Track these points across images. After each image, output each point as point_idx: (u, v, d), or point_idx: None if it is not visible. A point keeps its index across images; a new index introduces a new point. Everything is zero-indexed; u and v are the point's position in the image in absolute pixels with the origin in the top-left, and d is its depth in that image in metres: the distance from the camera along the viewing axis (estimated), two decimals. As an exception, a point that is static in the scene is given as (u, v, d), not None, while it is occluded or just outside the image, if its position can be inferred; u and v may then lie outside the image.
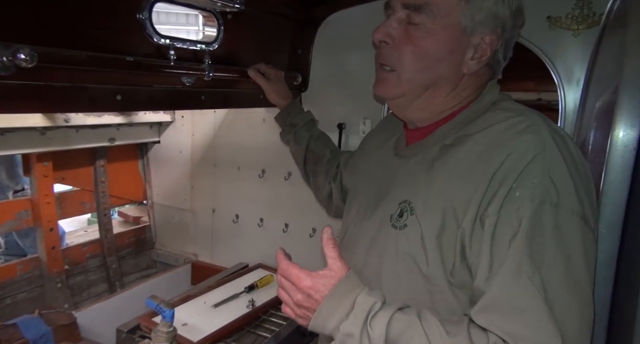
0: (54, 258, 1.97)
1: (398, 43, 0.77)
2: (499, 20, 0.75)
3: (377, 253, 0.80)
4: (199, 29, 9.79)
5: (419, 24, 0.74)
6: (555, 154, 0.65)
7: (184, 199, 2.37)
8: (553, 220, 0.61)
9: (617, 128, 0.67)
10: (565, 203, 0.62)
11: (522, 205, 0.62)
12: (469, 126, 0.76)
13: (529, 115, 0.72)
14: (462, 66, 0.77)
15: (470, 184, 0.68)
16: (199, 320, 1.47)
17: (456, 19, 0.73)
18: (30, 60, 0.79)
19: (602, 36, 1.13)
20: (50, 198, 1.96)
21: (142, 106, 1.17)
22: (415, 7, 0.74)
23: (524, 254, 0.61)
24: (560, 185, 0.63)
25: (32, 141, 1.73)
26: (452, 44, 0.75)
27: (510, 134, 0.69)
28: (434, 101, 0.80)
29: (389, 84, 0.80)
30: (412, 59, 0.76)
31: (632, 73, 0.67)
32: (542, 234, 0.61)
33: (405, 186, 0.80)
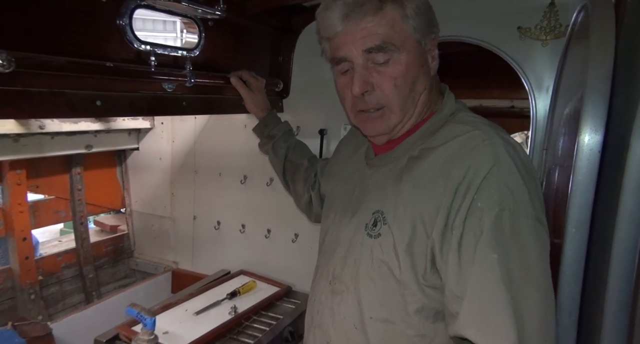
0: (27, 269, 1.90)
1: (378, 85, 0.80)
2: (433, 21, 0.83)
3: (353, 260, 0.84)
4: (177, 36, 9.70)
5: (387, 61, 0.78)
6: (508, 164, 0.71)
7: (164, 206, 2.33)
8: (511, 225, 0.68)
9: (582, 132, 0.71)
10: (520, 209, 0.68)
11: (483, 214, 0.68)
12: (432, 139, 0.82)
13: (483, 128, 0.77)
14: (430, 71, 0.84)
15: (436, 196, 0.73)
16: (180, 328, 1.45)
17: (412, 39, 0.79)
18: (7, 65, 0.77)
19: (568, 46, 1.19)
20: (24, 207, 1.89)
21: (122, 111, 1.15)
22: (377, 48, 0.77)
23: (489, 258, 0.67)
24: (515, 193, 0.69)
25: (5, 148, 1.68)
26: (419, 60, 0.81)
27: (468, 148, 0.74)
28: (420, 112, 0.85)
29: (384, 120, 0.83)
30: (398, 92, 0.80)
31: (595, 81, 0.72)
32: (503, 238, 0.67)
33: (377, 196, 0.84)
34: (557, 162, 1.25)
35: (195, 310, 1.57)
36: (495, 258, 0.66)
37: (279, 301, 1.75)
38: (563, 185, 1.17)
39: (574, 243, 0.73)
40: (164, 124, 2.28)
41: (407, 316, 0.77)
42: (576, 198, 0.72)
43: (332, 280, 0.89)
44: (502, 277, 0.66)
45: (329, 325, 0.89)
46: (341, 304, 0.86)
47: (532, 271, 0.68)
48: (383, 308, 0.79)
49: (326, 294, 0.91)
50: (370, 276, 0.80)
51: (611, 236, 0.69)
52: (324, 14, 0.80)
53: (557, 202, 1.21)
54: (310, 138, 1.83)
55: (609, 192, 0.74)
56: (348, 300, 0.84)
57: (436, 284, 0.75)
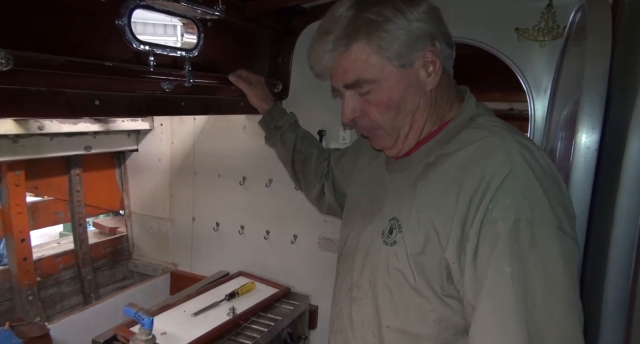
0: (25, 270, 1.90)
1: (364, 112, 0.84)
2: (423, 36, 0.78)
3: (370, 267, 0.84)
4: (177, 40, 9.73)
5: (368, 91, 0.80)
6: (524, 171, 0.67)
7: (163, 207, 2.33)
8: (529, 236, 0.63)
9: (579, 131, 0.71)
10: (539, 218, 0.64)
11: (498, 225, 0.65)
12: (449, 145, 0.80)
13: (499, 133, 0.75)
14: (425, 88, 0.81)
15: (449, 206, 0.71)
16: (178, 329, 1.44)
17: (389, 67, 0.78)
18: (5, 63, 0.78)
19: (565, 47, 1.20)
20: (22, 208, 1.89)
21: (121, 111, 1.15)
22: (353, 84, 0.80)
23: (502, 272, 0.64)
24: (532, 201, 0.65)
25: (4, 149, 1.68)
26: (403, 83, 0.79)
27: (482, 155, 0.72)
28: (420, 127, 0.85)
29: (381, 138, 0.87)
30: (382, 116, 0.82)
31: (592, 81, 0.72)
32: (520, 250, 0.63)
33: (394, 202, 0.84)
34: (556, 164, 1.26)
35: (194, 311, 1.57)
36: (509, 272, 0.63)
37: (278, 302, 1.75)
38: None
39: (572, 242, 0.73)
40: (163, 125, 2.29)
41: (426, 326, 0.75)
42: (573, 196, 0.72)
43: (351, 287, 0.89)
44: (516, 293, 0.62)
45: (348, 331, 0.89)
46: (359, 312, 0.86)
47: (555, 286, 0.63)
48: (399, 317, 0.78)
49: (345, 301, 0.91)
50: (387, 284, 0.79)
51: (608, 234, 0.69)
52: (312, 53, 0.84)
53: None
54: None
55: (606, 190, 0.74)
56: (366, 308, 0.84)
57: (454, 294, 0.72)
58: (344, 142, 1.78)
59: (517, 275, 0.63)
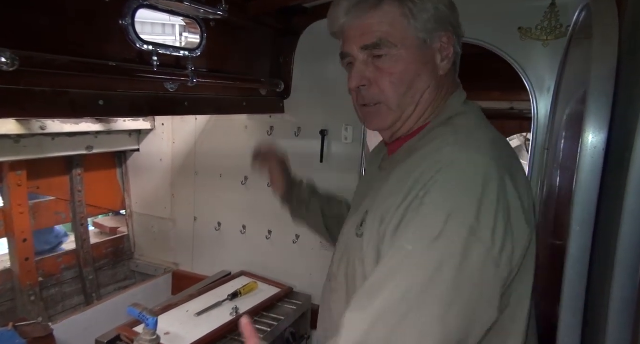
0: (27, 270, 1.89)
1: (375, 81, 0.80)
2: (445, 20, 0.80)
3: (347, 258, 0.85)
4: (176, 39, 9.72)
5: (384, 56, 0.78)
6: (460, 168, 0.67)
7: (164, 207, 2.33)
8: (441, 227, 0.63)
9: (586, 131, 0.71)
10: (456, 215, 0.63)
11: (421, 210, 0.66)
12: (420, 142, 0.81)
13: (460, 132, 0.75)
14: (437, 70, 0.82)
15: (396, 195, 0.72)
16: (181, 329, 1.44)
17: (413, 37, 0.78)
18: (11, 64, 0.77)
19: (569, 47, 1.19)
20: (24, 208, 1.89)
21: (124, 111, 1.15)
22: (373, 45, 0.78)
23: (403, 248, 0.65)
24: (459, 197, 0.65)
25: (5, 149, 1.68)
26: (421, 58, 0.79)
27: (435, 150, 0.73)
28: (422, 111, 0.83)
29: (381, 116, 0.83)
30: (394, 88, 0.80)
31: (598, 80, 0.72)
32: (428, 235, 0.63)
33: (370, 197, 0.85)
34: (559, 163, 1.26)
35: (197, 311, 1.57)
36: (410, 249, 0.63)
37: (280, 302, 1.75)
38: (565, 186, 1.18)
39: (578, 241, 0.73)
40: (164, 125, 2.28)
41: None
42: (580, 196, 0.71)
43: (331, 278, 0.91)
44: (406, 269, 0.63)
45: (327, 321, 0.91)
46: (337, 302, 0.87)
47: (443, 280, 0.61)
48: None
49: (327, 293, 0.93)
50: (354, 275, 0.80)
51: (615, 234, 0.69)
52: (332, 10, 0.82)
53: (559, 202, 1.21)
54: (311, 139, 1.83)
55: (612, 190, 0.74)
56: (342, 298, 0.85)
57: None
58: (345, 141, 1.78)
59: (414, 256, 0.63)
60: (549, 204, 1.29)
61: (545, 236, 1.27)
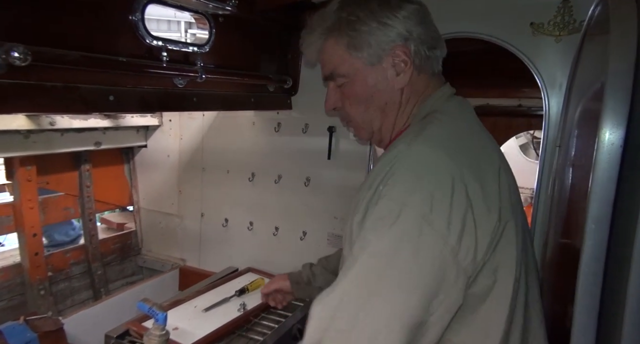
0: (37, 265, 1.91)
1: (342, 104, 0.91)
2: (393, 37, 0.81)
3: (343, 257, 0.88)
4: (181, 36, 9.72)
5: (342, 84, 0.88)
6: (413, 161, 0.70)
7: (172, 203, 2.34)
8: (396, 215, 0.66)
9: (603, 127, 0.70)
10: (410, 203, 0.66)
11: (380, 202, 0.68)
12: (396, 140, 0.84)
13: (424, 127, 0.77)
14: (394, 85, 0.85)
15: (364, 191, 0.74)
16: (189, 324, 1.45)
17: (360, 65, 0.84)
18: (24, 58, 0.78)
19: (582, 42, 1.17)
20: (34, 203, 1.90)
21: (134, 107, 1.15)
22: (329, 77, 0.89)
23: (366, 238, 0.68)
24: (410, 188, 0.67)
25: (16, 144, 1.69)
26: (371, 79, 0.85)
27: (394, 147, 0.76)
28: (391, 123, 0.89)
29: (357, 131, 0.95)
30: (354, 109, 0.89)
31: (616, 75, 0.71)
32: (384, 224, 0.66)
33: None
34: (571, 161, 1.24)
35: (204, 307, 1.57)
36: (369, 239, 0.67)
37: (287, 298, 1.74)
38: (578, 183, 1.16)
39: (594, 240, 0.72)
40: (171, 121, 2.29)
41: None
42: (596, 194, 0.70)
43: None
44: (366, 257, 0.67)
45: None
46: None
47: (399, 266, 0.65)
48: None
49: None
50: None
51: (632, 232, 0.68)
52: (302, 44, 0.93)
53: (572, 200, 1.20)
54: (319, 136, 1.83)
55: (629, 188, 0.73)
56: None
57: None
58: (353, 138, 1.77)
59: (372, 244, 0.67)
60: (560, 202, 1.27)
61: (556, 234, 1.26)
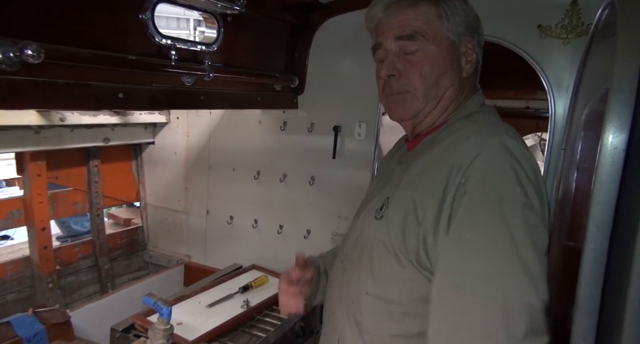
0: (46, 258, 1.94)
1: (404, 73, 0.86)
2: (473, 28, 0.88)
3: (362, 240, 0.89)
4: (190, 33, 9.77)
5: (416, 51, 0.84)
6: (497, 151, 0.72)
7: (178, 200, 2.36)
8: (498, 208, 0.68)
9: (607, 130, 0.70)
10: (506, 194, 0.69)
11: (468, 196, 0.70)
12: (441, 134, 0.85)
13: (486, 126, 0.80)
14: (461, 72, 0.87)
15: (429, 182, 0.76)
16: (194, 319, 1.47)
17: (444, 37, 0.84)
18: (37, 56, 0.79)
19: (590, 45, 1.17)
20: (43, 197, 1.94)
21: (143, 104, 1.18)
22: (408, 36, 0.84)
23: (464, 238, 0.69)
24: (501, 178, 0.70)
25: (26, 139, 1.72)
26: (448, 57, 0.85)
27: (461, 140, 0.77)
28: (442, 110, 0.89)
29: (406, 104, 0.88)
30: (422, 79, 0.85)
31: (621, 78, 0.71)
32: (486, 219, 0.68)
33: (391, 186, 0.89)
34: (576, 163, 1.24)
35: (208, 303, 1.59)
36: (469, 238, 0.68)
37: (291, 296, 1.76)
38: (582, 186, 1.16)
39: (595, 242, 0.72)
40: (179, 118, 2.31)
41: (399, 293, 0.81)
42: (599, 197, 0.70)
43: (343, 259, 0.95)
44: (477, 258, 0.67)
45: (336, 299, 0.95)
46: (347, 281, 0.91)
47: (519, 257, 0.67)
48: (376, 283, 0.83)
49: (338, 272, 0.97)
50: (371, 255, 0.85)
51: (634, 236, 0.68)
52: (370, 9, 0.89)
53: (576, 203, 1.20)
54: (324, 135, 1.84)
55: (632, 192, 0.73)
56: (352, 277, 0.89)
57: (428, 266, 0.77)
58: (359, 138, 1.78)
59: (478, 242, 0.68)
60: (564, 204, 1.27)
61: (561, 237, 1.26)
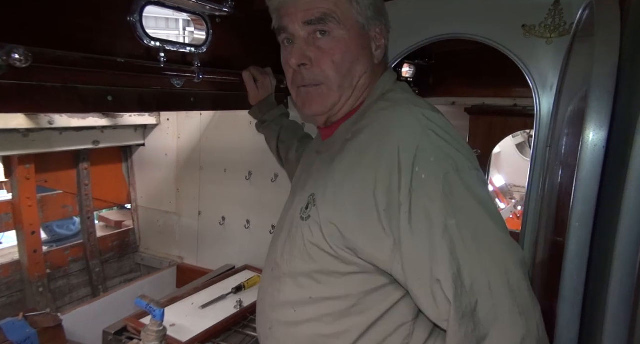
0: (36, 262, 1.93)
1: (316, 61, 0.81)
2: (381, 13, 0.85)
3: (290, 245, 0.84)
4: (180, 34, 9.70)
5: (326, 35, 0.80)
6: (435, 131, 0.73)
7: (169, 202, 2.35)
8: (462, 184, 0.69)
9: (587, 128, 0.72)
10: (461, 166, 0.71)
11: (431, 183, 0.68)
12: (363, 120, 0.82)
13: (404, 104, 0.79)
14: (373, 58, 0.85)
15: (367, 175, 0.72)
16: (187, 321, 1.47)
17: (354, 20, 0.81)
18: (25, 60, 0.79)
19: (572, 45, 1.20)
20: (32, 201, 1.92)
21: (132, 107, 1.17)
22: (318, 20, 0.79)
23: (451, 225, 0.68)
24: (451, 154, 0.71)
25: (14, 142, 1.71)
26: (360, 42, 0.82)
27: (393, 125, 0.75)
28: (357, 97, 0.86)
29: (321, 98, 0.84)
30: (335, 68, 0.81)
31: (600, 78, 0.73)
32: (458, 200, 0.69)
33: (313, 181, 0.85)
34: (560, 160, 1.27)
35: (201, 304, 1.59)
36: (454, 223, 0.67)
37: (284, 295, 1.77)
38: (566, 182, 1.19)
39: (578, 237, 0.74)
40: (169, 120, 2.30)
41: (347, 290, 0.76)
42: (580, 193, 0.73)
43: (274, 267, 0.88)
44: (467, 239, 0.67)
45: (270, 311, 0.88)
46: (280, 290, 0.85)
47: (494, 222, 0.70)
48: (321, 285, 0.78)
49: (268, 281, 0.90)
50: (304, 258, 0.80)
51: (614, 230, 0.70)
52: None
53: (560, 199, 1.22)
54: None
55: (612, 188, 0.75)
56: (287, 286, 0.83)
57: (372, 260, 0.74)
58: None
59: (465, 222, 0.68)
60: (550, 201, 1.30)
61: (547, 232, 1.29)
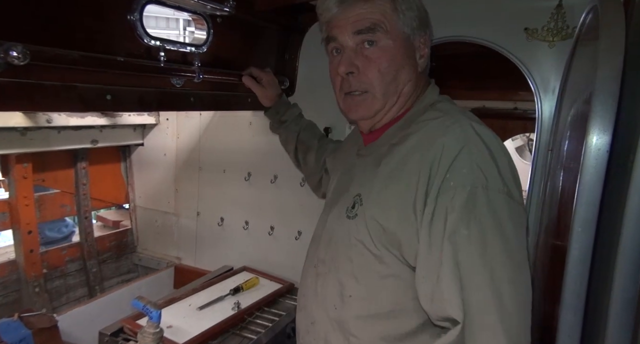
0: (32, 262, 1.91)
1: (363, 70, 0.86)
2: (425, 23, 0.89)
3: (335, 242, 0.89)
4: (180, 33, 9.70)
5: (374, 45, 0.84)
6: (477, 144, 0.75)
7: (168, 202, 2.34)
8: (486, 201, 0.71)
9: (591, 132, 0.71)
10: (492, 185, 0.72)
11: (456, 192, 0.71)
12: (411, 126, 0.86)
13: (455, 115, 0.82)
14: (417, 66, 0.89)
15: (409, 177, 0.77)
16: (184, 322, 1.46)
17: (400, 30, 0.85)
18: (23, 58, 0.78)
19: (575, 48, 1.19)
20: (30, 200, 1.90)
21: (131, 106, 1.17)
22: (368, 29, 0.84)
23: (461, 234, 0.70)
24: (485, 170, 0.72)
25: (12, 141, 1.69)
26: (405, 52, 0.86)
27: (439, 132, 0.78)
28: (402, 104, 0.90)
29: (366, 104, 0.88)
30: (381, 77, 0.85)
31: (604, 82, 0.72)
32: (477, 214, 0.70)
33: (359, 182, 0.89)
34: (562, 164, 1.26)
35: (199, 305, 1.58)
36: (466, 234, 0.69)
37: (282, 297, 1.76)
38: (568, 186, 1.18)
39: (580, 242, 0.74)
40: (169, 120, 2.29)
41: (385, 291, 0.80)
42: (583, 198, 0.72)
43: (316, 264, 0.94)
44: (475, 253, 0.69)
45: (313, 307, 0.93)
46: (324, 286, 0.90)
47: (509, 246, 0.70)
48: (360, 284, 0.83)
49: (311, 278, 0.95)
50: (348, 256, 0.84)
51: (617, 235, 0.69)
52: (322, 1, 0.88)
53: (562, 203, 1.22)
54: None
55: (615, 192, 0.75)
56: (329, 281, 0.88)
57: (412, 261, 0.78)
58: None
59: (475, 237, 0.70)
60: (551, 205, 1.29)
61: (548, 236, 1.28)
